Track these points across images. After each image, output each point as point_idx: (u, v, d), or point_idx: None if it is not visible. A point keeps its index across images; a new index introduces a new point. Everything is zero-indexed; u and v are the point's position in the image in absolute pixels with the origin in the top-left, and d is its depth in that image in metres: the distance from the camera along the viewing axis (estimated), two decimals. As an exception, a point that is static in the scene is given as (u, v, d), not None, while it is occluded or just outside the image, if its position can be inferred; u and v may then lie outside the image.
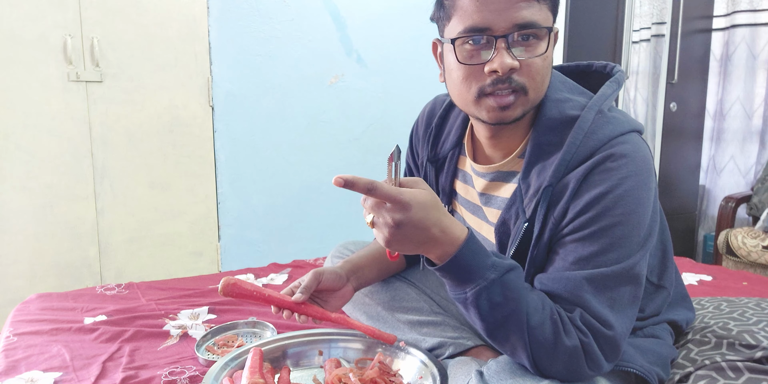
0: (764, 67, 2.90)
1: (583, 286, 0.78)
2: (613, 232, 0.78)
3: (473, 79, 0.82)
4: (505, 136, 0.90)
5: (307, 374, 1.02)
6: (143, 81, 2.18)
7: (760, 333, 0.98)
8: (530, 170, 0.86)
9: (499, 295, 0.75)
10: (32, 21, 1.99)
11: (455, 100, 0.89)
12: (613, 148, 0.80)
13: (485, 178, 0.95)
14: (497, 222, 0.90)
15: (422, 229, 0.72)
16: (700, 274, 1.67)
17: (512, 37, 0.79)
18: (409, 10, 2.66)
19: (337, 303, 1.05)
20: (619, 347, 0.79)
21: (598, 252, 0.78)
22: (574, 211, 0.80)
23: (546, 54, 0.81)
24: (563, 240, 0.82)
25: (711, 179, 3.18)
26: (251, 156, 2.46)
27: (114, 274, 2.22)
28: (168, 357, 1.13)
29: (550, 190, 0.82)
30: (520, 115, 0.83)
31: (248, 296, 0.94)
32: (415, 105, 2.83)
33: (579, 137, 0.82)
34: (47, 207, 2.09)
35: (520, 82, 0.80)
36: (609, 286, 0.78)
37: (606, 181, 0.79)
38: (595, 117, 0.83)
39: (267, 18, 2.42)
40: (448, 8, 0.83)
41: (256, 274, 1.66)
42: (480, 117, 0.85)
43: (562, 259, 0.81)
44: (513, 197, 0.88)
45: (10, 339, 1.19)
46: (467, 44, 0.81)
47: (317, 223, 2.63)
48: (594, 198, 0.79)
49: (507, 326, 0.76)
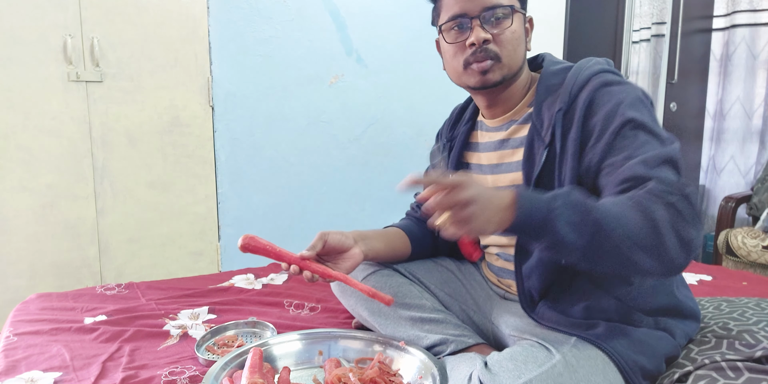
0: (764, 67, 2.90)
1: (643, 167, 0.85)
2: (643, 131, 0.90)
3: (459, 53, 1.04)
4: (500, 102, 1.08)
5: (307, 374, 1.02)
6: (143, 81, 2.18)
7: (760, 333, 0.98)
8: (540, 107, 1.01)
9: (575, 215, 0.78)
10: (32, 21, 1.99)
11: (452, 76, 1.09)
12: (607, 77, 0.97)
13: (501, 129, 1.10)
14: (523, 158, 1.01)
15: (489, 197, 0.78)
16: (700, 274, 1.67)
17: (484, 18, 1.01)
18: (409, 10, 2.66)
19: (346, 264, 1.06)
20: (697, 206, 0.83)
21: (640, 145, 0.88)
22: (599, 127, 0.92)
23: (513, 28, 1.02)
24: (602, 156, 0.91)
25: (711, 179, 3.18)
26: (251, 156, 2.46)
27: (114, 274, 2.22)
28: (168, 357, 1.13)
29: (562, 113, 0.97)
30: (500, 78, 1.02)
31: (263, 250, 1.01)
32: (415, 105, 2.84)
33: (577, 71, 1.00)
34: (47, 207, 2.09)
35: (494, 50, 1.01)
36: (663, 164, 0.86)
37: (613, 96, 0.93)
38: (590, 63, 1.02)
39: (267, 18, 2.42)
40: (437, 8, 1.08)
41: (256, 274, 1.67)
42: (469, 84, 1.05)
43: (612, 166, 0.89)
44: (531, 133, 1.01)
45: (10, 339, 1.19)
46: (453, 30, 1.04)
47: (317, 223, 2.63)
48: (609, 111, 0.92)
49: (601, 233, 0.78)
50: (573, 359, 0.84)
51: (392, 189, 2.75)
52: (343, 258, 1.07)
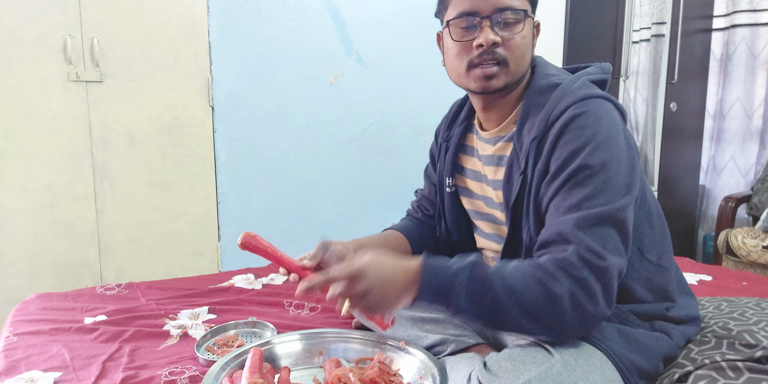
0: (764, 67, 2.90)
1: (573, 226, 0.85)
2: (595, 180, 0.87)
3: (464, 53, 0.98)
4: (496, 108, 1.05)
5: (307, 374, 1.02)
6: (143, 81, 2.18)
7: (760, 333, 0.98)
8: (522, 129, 0.98)
9: (476, 291, 0.83)
10: (32, 21, 1.99)
11: (452, 75, 1.04)
12: (586, 107, 0.92)
13: (490, 143, 1.07)
14: (503, 179, 1.01)
15: (388, 279, 0.83)
16: (700, 274, 1.67)
17: (495, 19, 0.96)
18: (408, 10, 2.66)
19: None
20: (613, 280, 0.84)
21: (585, 198, 0.87)
22: (555, 166, 0.90)
23: (524, 33, 0.97)
24: (552, 197, 0.90)
25: (711, 179, 3.18)
26: (251, 156, 2.46)
27: (114, 274, 2.22)
28: (168, 357, 1.13)
29: (536, 142, 0.94)
30: (503, 85, 0.98)
31: (263, 252, 0.99)
32: (416, 105, 2.84)
33: (560, 96, 0.95)
34: (47, 207, 2.09)
35: (503, 54, 0.96)
36: (598, 225, 0.85)
37: (580, 136, 0.90)
38: (577, 83, 0.97)
39: (267, 18, 2.41)
40: (445, 1, 1.02)
41: (256, 274, 1.67)
42: (470, 87, 1.01)
43: (555, 211, 0.89)
44: (512, 155, 1.00)
45: (10, 339, 1.19)
46: (460, 27, 0.98)
47: (317, 223, 2.63)
48: (570, 153, 0.89)
49: (499, 309, 0.83)
50: (571, 358, 0.85)
51: (392, 189, 2.76)
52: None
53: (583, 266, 0.82)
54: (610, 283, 0.84)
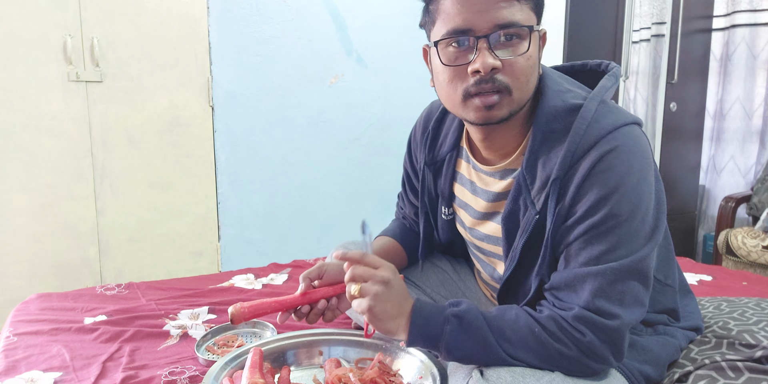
0: (764, 67, 2.90)
1: (587, 281, 0.79)
2: (620, 230, 0.79)
3: (458, 80, 0.82)
4: (498, 137, 0.90)
5: (307, 374, 1.02)
6: (143, 81, 2.18)
7: (760, 333, 0.98)
8: (535, 160, 0.85)
9: (466, 340, 0.80)
10: (32, 21, 1.99)
11: (444, 103, 0.89)
12: (616, 141, 0.80)
13: (495, 176, 0.95)
14: (504, 213, 0.90)
15: (398, 290, 0.82)
16: (700, 274, 1.67)
17: (494, 38, 0.79)
18: (408, 10, 2.66)
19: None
20: (623, 339, 0.80)
21: (607, 250, 0.79)
22: (580, 212, 0.81)
23: (529, 53, 0.81)
24: (572, 243, 0.82)
25: (711, 179, 3.18)
26: (251, 156, 2.46)
27: (114, 274, 2.22)
28: (168, 357, 1.13)
29: (558, 182, 0.82)
30: (507, 115, 0.83)
31: (261, 312, 0.95)
32: (415, 105, 2.82)
33: (583, 126, 0.81)
34: (47, 207, 2.09)
35: (504, 81, 0.80)
36: (618, 281, 0.79)
37: (609, 180, 0.79)
38: (598, 106, 0.83)
39: (267, 18, 2.42)
40: (432, 13, 0.85)
41: (256, 274, 1.67)
42: (468, 118, 0.86)
43: (574, 260, 0.82)
44: (517, 188, 0.88)
45: (10, 339, 1.19)
46: (451, 46, 0.82)
47: (317, 223, 2.63)
48: (598, 200, 0.79)
49: (491, 357, 0.81)
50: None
51: (392, 189, 2.75)
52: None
53: (588, 330, 0.78)
54: (619, 341, 0.79)
